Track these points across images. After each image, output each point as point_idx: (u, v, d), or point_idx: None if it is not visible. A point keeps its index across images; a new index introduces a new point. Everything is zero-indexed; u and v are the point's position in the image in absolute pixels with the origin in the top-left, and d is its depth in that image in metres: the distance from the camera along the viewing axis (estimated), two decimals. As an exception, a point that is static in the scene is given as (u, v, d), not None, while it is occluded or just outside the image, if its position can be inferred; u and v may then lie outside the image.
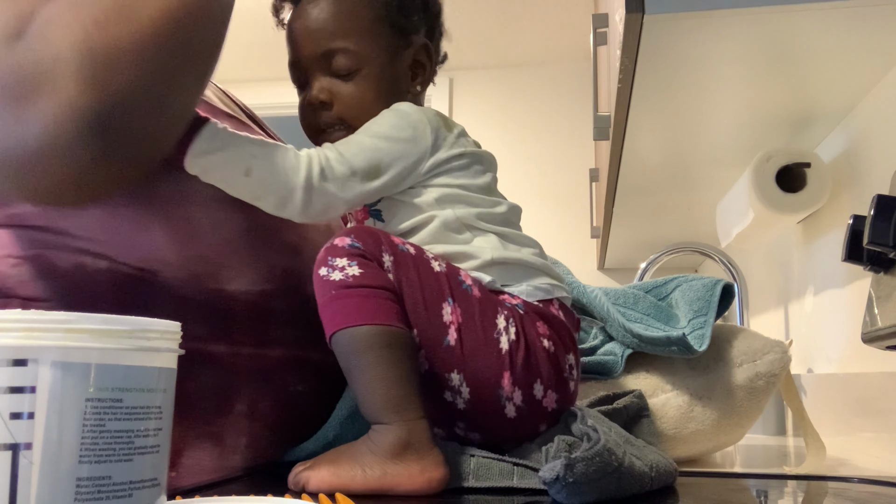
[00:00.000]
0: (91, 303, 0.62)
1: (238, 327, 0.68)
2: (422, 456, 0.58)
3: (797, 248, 1.52)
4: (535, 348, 0.65)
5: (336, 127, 0.73)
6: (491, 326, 0.64)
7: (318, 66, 0.72)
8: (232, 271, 0.68)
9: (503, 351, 0.64)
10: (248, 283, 0.69)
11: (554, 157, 3.14)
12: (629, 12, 0.89)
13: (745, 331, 0.88)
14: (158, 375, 0.38)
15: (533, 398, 0.65)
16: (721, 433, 0.83)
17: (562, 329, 0.68)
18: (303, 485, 0.58)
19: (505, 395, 0.63)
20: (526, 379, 0.64)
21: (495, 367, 0.63)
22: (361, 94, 0.72)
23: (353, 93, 0.72)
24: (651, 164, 1.53)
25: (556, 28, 2.92)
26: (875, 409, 1.06)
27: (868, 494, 0.61)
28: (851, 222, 0.91)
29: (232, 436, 0.67)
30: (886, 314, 0.84)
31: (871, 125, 1.14)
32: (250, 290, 0.69)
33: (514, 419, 0.64)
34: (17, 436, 0.34)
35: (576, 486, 0.51)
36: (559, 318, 0.68)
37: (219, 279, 0.67)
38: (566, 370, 0.67)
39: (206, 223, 0.67)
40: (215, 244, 0.68)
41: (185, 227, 0.66)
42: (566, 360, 0.67)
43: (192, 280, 0.66)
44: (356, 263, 0.61)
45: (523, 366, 0.64)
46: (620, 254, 2.56)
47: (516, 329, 0.65)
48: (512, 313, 0.65)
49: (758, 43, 0.97)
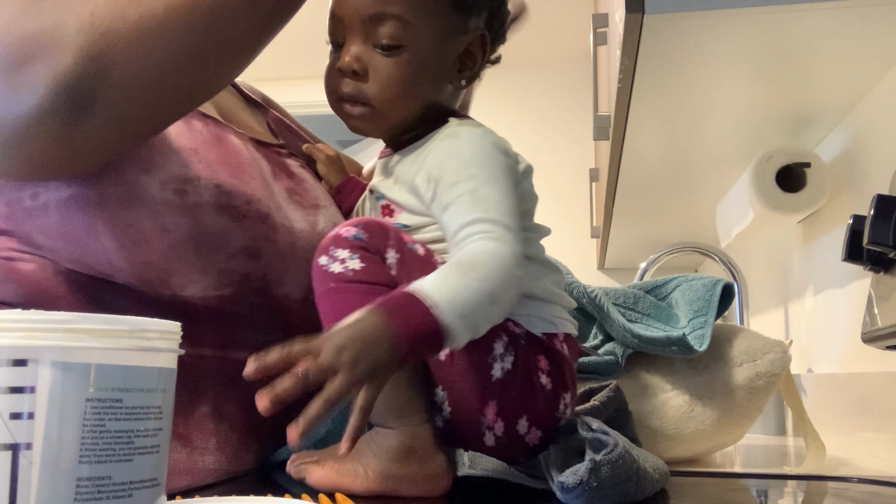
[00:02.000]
0: (52, 306, 0.63)
1: (200, 331, 0.68)
2: (425, 461, 0.57)
3: (797, 248, 1.52)
4: (531, 383, 0.61)
5: (361, 104, 0.65)
6: (486, 350, 0.60)
7: (360, 29, 0.64)
8: (183, 277, 0.66)
9: (494, 378, 0.59)
10: (202, 288, 0.67)
11: (554, 157, 3.14)
12: (629, 12, 0.89)
13: (745, 330, 0.88)
14: (158, 375, 0.38)
15: (515, 432, 0.60)
16: (721, 433, 0.83)
17: (564, 366, 0.64)
18: (303, 476, 0.58)
19: (486, 424, 0.60)
20: (512, 412, 0.60)
21: (482, 394, 0.59)
22: (401, 76, 0.64)
23: (391, 72, 0.64)
24: (651, 164, 1.53)
25: (556, 28, 2.92)
26: (875, 409, 1.06)
27: (868, 494, 0.61)
28: (851, 222, 0.91)
29: (199, 437, 0.67)
30: (886, 314, 0.84)
31: (871, 125, 1.14)
32: (207, 296, 0.68)
33: (492, 448, 0.60)
34: (17, 436, 0.34)
35: (599, 491, 0.50)
36: (563, 353, 0.64)
37: (171, 286, 0.66)
38: (559, 409, 0.63)
39: (151, 229, 0.65)
40: (161, 250, 0.65)
41: (132, 233, 0.64)
42: (562, 398, 0.63)
43: (144, 286, 0.65)
44: (358, 257, 0.59)
45: (513, 399, 0.60)
46: (620, 254, 2.56)
47: (514, 359, 0.61)
48: (513, 342, 0.61)
49: (758, 43, 0.97)
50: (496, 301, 0.55)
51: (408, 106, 0.66)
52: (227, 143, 0.74)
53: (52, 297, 0.64)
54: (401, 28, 0.63)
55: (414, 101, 0.66)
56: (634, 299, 0.90)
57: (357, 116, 0.66)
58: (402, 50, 0.64)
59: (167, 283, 0.66)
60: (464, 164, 0.61)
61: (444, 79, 0.67)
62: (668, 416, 0.81)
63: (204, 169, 0.68)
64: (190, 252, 0.66)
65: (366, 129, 0.68)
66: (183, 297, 0.66)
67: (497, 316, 0.57)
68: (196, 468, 0.67)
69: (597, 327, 0.89)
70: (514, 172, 0.63)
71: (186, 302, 0.67)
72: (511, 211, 0.59)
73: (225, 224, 0.67)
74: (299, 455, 0.60)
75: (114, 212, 0.64)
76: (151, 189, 0.65)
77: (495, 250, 0.56)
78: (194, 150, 0.69)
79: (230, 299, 0.69)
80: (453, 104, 0.71)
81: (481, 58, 0.69)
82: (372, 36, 0.64)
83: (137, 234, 0.64)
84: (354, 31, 0.64)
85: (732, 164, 1.47)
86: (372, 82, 0.64)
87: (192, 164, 0.68)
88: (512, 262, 0.56)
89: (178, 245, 0.65)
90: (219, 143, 0.73)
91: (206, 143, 0.71)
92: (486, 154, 0.62)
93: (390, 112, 0.65)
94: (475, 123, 0.66)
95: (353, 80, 0.65)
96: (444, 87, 0.68)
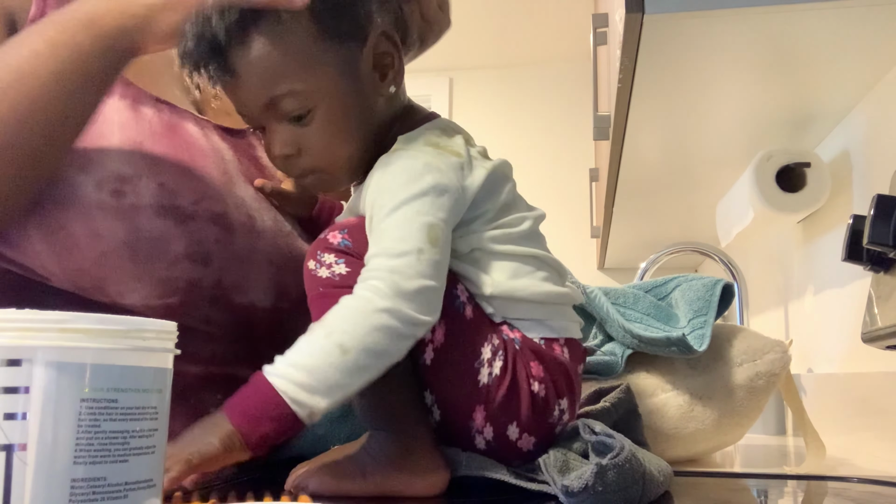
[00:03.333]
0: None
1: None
2: (422, 463, 0.57)
3: (797, 248, 1.52)
4: (519, 389, 0.60)
5: (311, 174, 0.64)
6: (473, 354, 0.59)
7: (267, 114, 0.62)
8: (120, 286, 0.63)
9: (480, 383, 0.58)
10: (142, 297, 0.64)
11: (554, 157, 3.13)
12: (629, 12, 0.89)
13: (745, 330, 0.88)
14: (154, 376, 0.38)
15: (505, 437, 0.60)
16: (721, 433, 0.83)
17: (559, 372, 0.62)
18: (302, 488, 0.57)
19: (475, 428, 0.59)
20: (501, 418, 0.59)
21: (469, 398, 0.59)
22: (330, 136, 0.62)
23: (319, 138, 0.62)
24: (651, 164, 1.53)
25: (556, 28, 2.92)
26: (875, 409, 1.05)
27: (868, 494, 0.60)
28: (851, 222, 0.91)
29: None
30: (886, 314, 0.84)
31: (871, 125, 1.14)
32: (151, 304, 0.65)
33: (484, 451, 0.60)
34: (12, 436, 0.34)
35: (604, 496, 0.50)
36: (560, 359, 0.62)
37: (108, 293, 0.63)
38: (553, 416, 0.61)
39: (83, 234, 0.62)
40: (93, 258, 0.62)
41: (63, 236, 0.62)
42: (556, 405, 0.61)
43: (81, 292, 0.64)
44: (343, 262, 0.58)
45: (501, 404, 0.59)
46: (620, 254, 2.56)
47: (504, 364, 0.59)
48: (504, 346, 0.60)
49: (758, 43, 0.97)
50: (347, 351, 0.53)
51: (349, 149, 0.63)
52: (180, 133, 0.70)
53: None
54: (297, 98, 0.61)
55: (351, 142, 0.63)
56: (634, 299, 0.90)
57: (316, 185, 0.66)
58: (314, 112, 0.61)
59: (104, 291, 0.64)
60: (380, 193, 0.59)
61: (369, 102, 0.64)
62: (668, 416, 0.81)
63: (146, 165, 0.65)
64: (125, 259, 0.63)
65: (332, 187, 0.66)
66: (123, 304, 0.64)
67: (362, 364, 0.54)
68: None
69: (596, 327, 0.89)
70: (454, 192, 0.60)
71: (129, 311, 0.64)
72: (409, 234, 0.56)
73: (165, 228, 0.64)
74: (294, 469, 0.60)
75: (47, 213, 0.62)
76: (87, 189, 0.62)
77: (357, 294, 0.55)
78: (138, 143, 0.66)
79: (178, 308, 0.66)
80: (395, 104, 0.67)
81: (396, 51, 0.65)
82: (280, 115, 0.62)
83: (68, 238, 0.62)
84: (264, 118, 0.63)
85: (732, 164, 1.47)
86: (306, 156, 0.63)
87: (134, 161, 0.65)
88: (370, 301, 0.54)
89: (112, 253, 0.62)
90: (170, 133, 0.69)
91: (153, 135, 0.67)
92: (407, 181, 0.59)
93: (338, 166, 0.64)
94: (419, 138, 0.63)
95: (291, 161, 0.63)
96: (376, 104, 0.64)
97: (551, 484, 0.54)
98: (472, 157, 0.64)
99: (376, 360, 0.54)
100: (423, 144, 0.62)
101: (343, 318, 0.55)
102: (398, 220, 0.57)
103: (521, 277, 0.62)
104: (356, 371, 0.54)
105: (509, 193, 0.65)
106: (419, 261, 0.56)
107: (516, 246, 0.63)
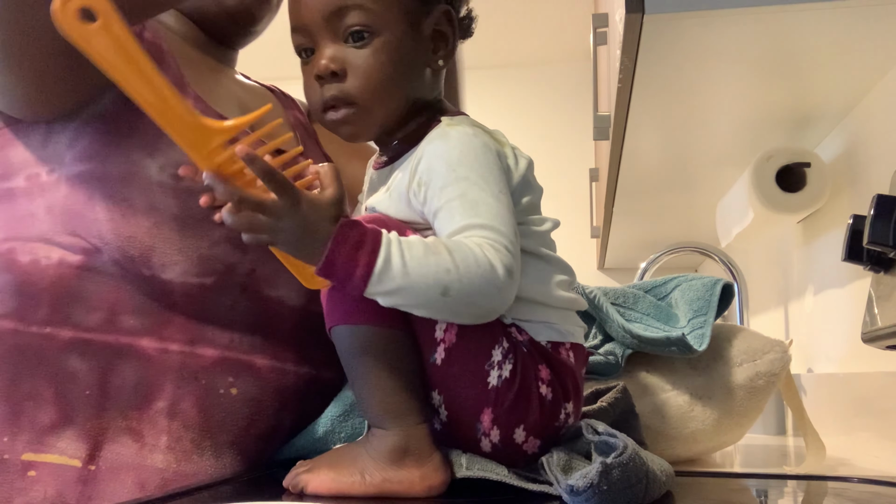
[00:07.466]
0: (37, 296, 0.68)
1: (172, 323, 0.69)
2: (422, 462, 0.57)
3: (797, 248, 1.52)
4: (528, 392, 0.59)
5: (345, 105, 0.63)
6: (484, 356, 0.59)
7: (326, 28, 0.62)
8: (164, 257, 0.68)
9: (490, 385, 0.58)
10: (182, 272, 0.69)
11: (554, 157, 3.13)
12: (629, 12, 0.89)
13: (745, 330, 0.88)
14: None
15: (512, 440, 0.60)
16: (721, 433, 0.83)
17: (566, 375, 0.62)
18: (301, 487, 0.57)
19: (482, 430, 0.59)
20: (509, 421, 0.59)
21: (477, 400, 0.59)
22: (380, 66, 0.61)
23: (369, 64, 0.61)
24: (651, 164, 1.53)
25: (556, 28, 2.92)
26: (875, 409, 1.06)
27: (868, 494, 0.61)
28: (851, 222, 0.91)
29: (151, 433, 0.67)
30: (886, 314, 0.84)
31: (871, 125, 1.14)
32: (188, 282, 0.69)
33: (489, 454, 0.60)
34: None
35: (609, 494, 0.50)
36: (567, 363, 0.62)
37: (151, 265, 0.68)
38: (559, 419, 0.61)
39: (141, 205, 0.69)
40: (147, 227, 0.69)
41: (123, 207, 0.69)
42: (563, 408, 0.62)
43: (127, 262, 0.68)
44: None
45: (509, 407, 0.59)
46: (620, 254, 2.56)
47: (513, 367, 0.59)
48: (514, 349, 0.60)
49: (758, 43, 0.97)
50: (447, 293, 0.54)
51: (392, 95, 0.63)
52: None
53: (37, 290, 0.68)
54: (367, 15, 0.61)
55: (397, 89, 0.63)
56: (634, 299, 0.90)
57: (344, 120, 0.63)
58: (373, 37, 0.61)
59: (149, 261, 0.68)
60: (452, 166, 0.59)
61: (421, 62, 0.64)
62: (668, 416, 0.81)
63: None
64: (174, 231, 0.69)
65: (356, 132, 0.65)
66: (162, 279, 0.68)
67: (441, 310, 0.56)
68: (143, 465, 0.66)
69: (596, 327, 0.89)
70: (508, 173, 0.61)
71: (165, 287, 0.68)
72: (503, 215, 0.57)
73: (212, 211, 0.65)
74: (294, 468, 0.60)
75: (113, 187, 0.69)
76: (150, 170, 0.69)
77: (479, 255, 0.55)
78: None
79: (211, 289, 0.70)
80: (437, 89, 0.68)
81: (452, 35, 0.66)
82: (340, 31, 0.62)
83: (128, 208, 0.69)
84: (321, 33, 0.62)
85: (732, 164, 1.47)
86: (351, 79, 0.62)
87: None
88: (489, 270, 0.55)
89: (163, 224, 0.69)
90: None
91: None
92: (477, 156, 0.60)
93: (376, 106, 0.63)
94: (467, 122, 0.64)
95: (333, 82, 0.62)
96: (423, 72, 0.65)
97: (555, 484, 0.54)
98: (512, 147, 0.64)
99: (455, 316, 0.57)
100: (473, 126, 0.63)
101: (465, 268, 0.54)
102: (494, 194, 0.58)
103: (539, 278, 0.62)
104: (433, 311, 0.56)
105: (537, 192, 0.66)
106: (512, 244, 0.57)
107: (538, 245, 0.63)
